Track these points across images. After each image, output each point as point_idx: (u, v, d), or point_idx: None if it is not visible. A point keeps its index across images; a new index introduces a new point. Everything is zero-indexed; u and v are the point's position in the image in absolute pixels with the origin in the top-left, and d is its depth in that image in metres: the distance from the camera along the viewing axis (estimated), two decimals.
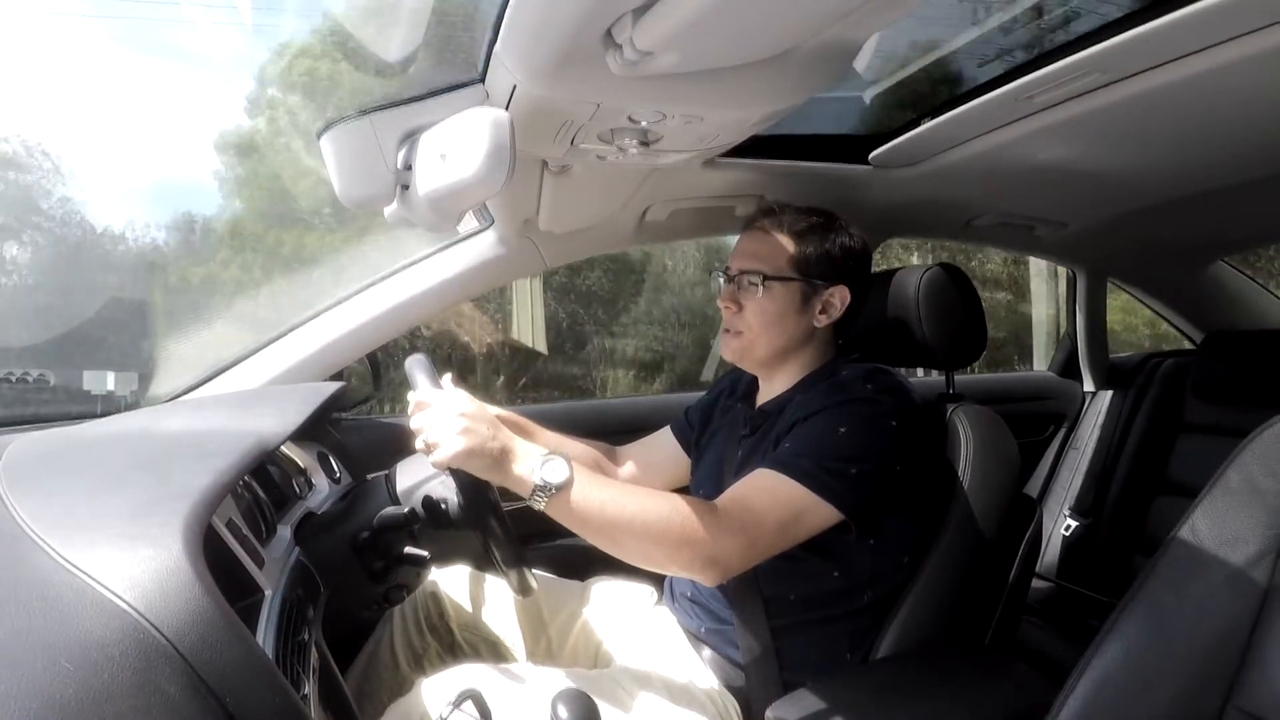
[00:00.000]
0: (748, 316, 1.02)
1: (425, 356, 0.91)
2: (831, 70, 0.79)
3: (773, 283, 1.00)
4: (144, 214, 7.74)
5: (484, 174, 0.74)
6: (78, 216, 5.58)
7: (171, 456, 0.68)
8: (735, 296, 1.03)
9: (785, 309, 1.01)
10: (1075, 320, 2.06)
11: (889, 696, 0.86)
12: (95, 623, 0.42)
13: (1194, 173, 1.26)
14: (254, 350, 1.28)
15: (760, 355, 1.04)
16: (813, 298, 1.02)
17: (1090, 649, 0.67)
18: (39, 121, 5.55)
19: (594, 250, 1.49)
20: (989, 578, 1.02)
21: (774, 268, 1.01)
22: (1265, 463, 0.65)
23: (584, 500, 0.77)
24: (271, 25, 6.18)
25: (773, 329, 1.01)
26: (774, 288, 1.00)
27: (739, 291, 1.02)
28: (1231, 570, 0.63)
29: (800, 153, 1.28)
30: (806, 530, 0.87)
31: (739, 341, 1.04)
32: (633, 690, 0.92)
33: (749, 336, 1.02)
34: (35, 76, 6.30)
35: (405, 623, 1.10)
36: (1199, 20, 0.75)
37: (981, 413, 1.07)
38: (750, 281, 1.01)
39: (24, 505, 0.53)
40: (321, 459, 1.20)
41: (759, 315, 1.01)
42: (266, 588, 0.70)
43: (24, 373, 1.84)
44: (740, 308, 1.02)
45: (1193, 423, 1.80)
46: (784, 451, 0.90)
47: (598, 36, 0.67)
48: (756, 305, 1.01)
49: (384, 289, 1.32)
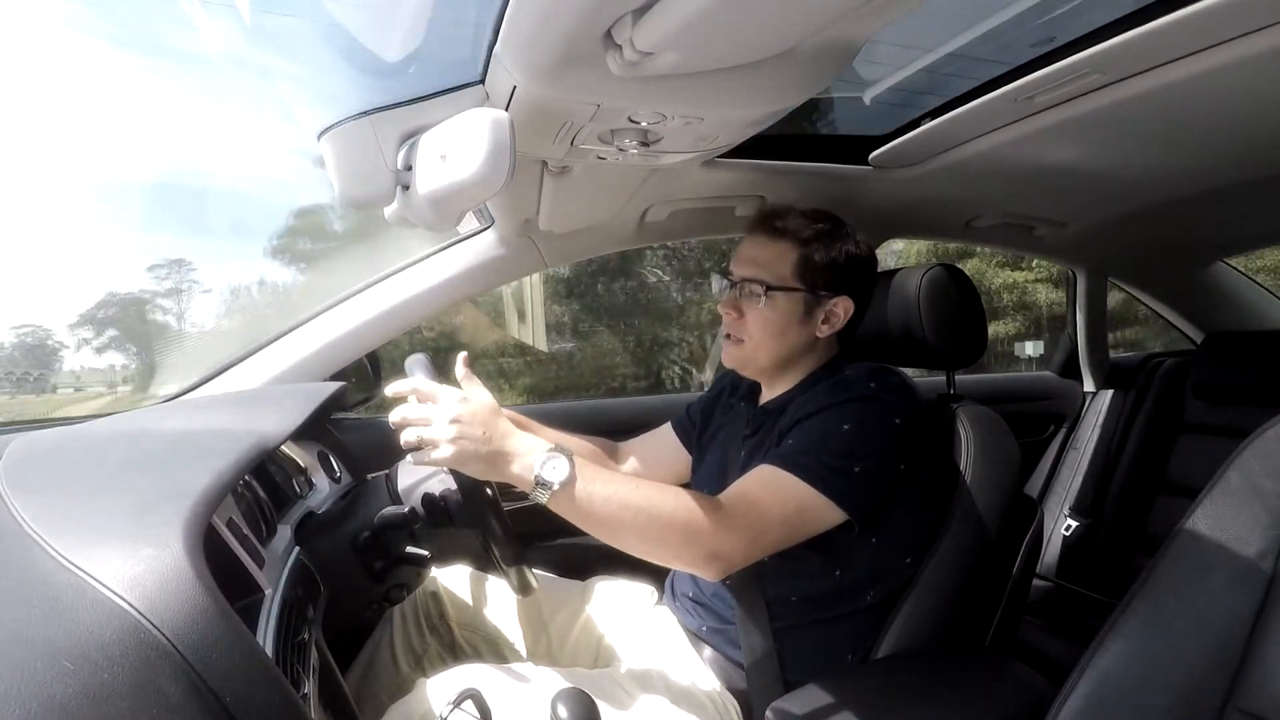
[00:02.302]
0: (749, 325, 1.01)
1: (425, 356, 0.91)
2: (831, 70, 0.79)
3: (775, 293, 0.99)
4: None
5: (484, 174, 0.74)
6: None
7: (172, 456, 0.68)
8: (737, 303, 1.02)
9: (788, 319, 1.00)
10: (1075, 320, 2.06)
11: (889, 697, 0.86)
12: (95, 622, 0.42)
13: (1194, 173, 1.26)
14: (254, 350, 1.28)
15: (762, 364, 1.04)
16: (816, 308, 1.01)
17: (1090, 649, 0.67)
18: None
19: (594, 250, 1.49)
20: (990, 578, 1.02)
21: (777, 277, 0.99)
22: (1266, 462, 0.65)
23: (588, 495, 0.77)
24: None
25: (774, 339, 1.01)
26: (777, 298, 0.99)
27: (741, 298, 1.01)
28: (1232, 570, 0.63)
29: (800, 153, 1.28)
30: (809, 527, 0.87)
31: (740, 350, 1.03)
32: (633, 690, 0.92)
33: (750, 345, 1.02)
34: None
35: (405, 622, 1.10)
36: (1199, 20, 0.75)
37: (982, 413, 1.07)
38: (753, 290, 1.00)
39: (24, 504, 0.53)
40: (322, 459, 1.20)
41: (760, 325, 1.00)
42: (267, 587, 0.70)
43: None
44: (741, 314, 1.01)
45: (1193, 423, 1.80)
46: (787, 448, 0.90)
47: (598, 37, 0.67)
48: (759, 314, 1.00)
49: (384, 289, 1.32)
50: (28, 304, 16.78)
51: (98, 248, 15.70)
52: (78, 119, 7.51)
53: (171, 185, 17.02)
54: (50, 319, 9.92)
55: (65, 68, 9.67)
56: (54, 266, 13.83)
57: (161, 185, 17.51)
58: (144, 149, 16.85)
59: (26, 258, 14.53)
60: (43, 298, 13.92)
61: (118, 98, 7.39)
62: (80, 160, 10.69)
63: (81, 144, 9.41)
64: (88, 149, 12.32)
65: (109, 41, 19.09)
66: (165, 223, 16.60)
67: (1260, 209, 1.48)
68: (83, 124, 7.83)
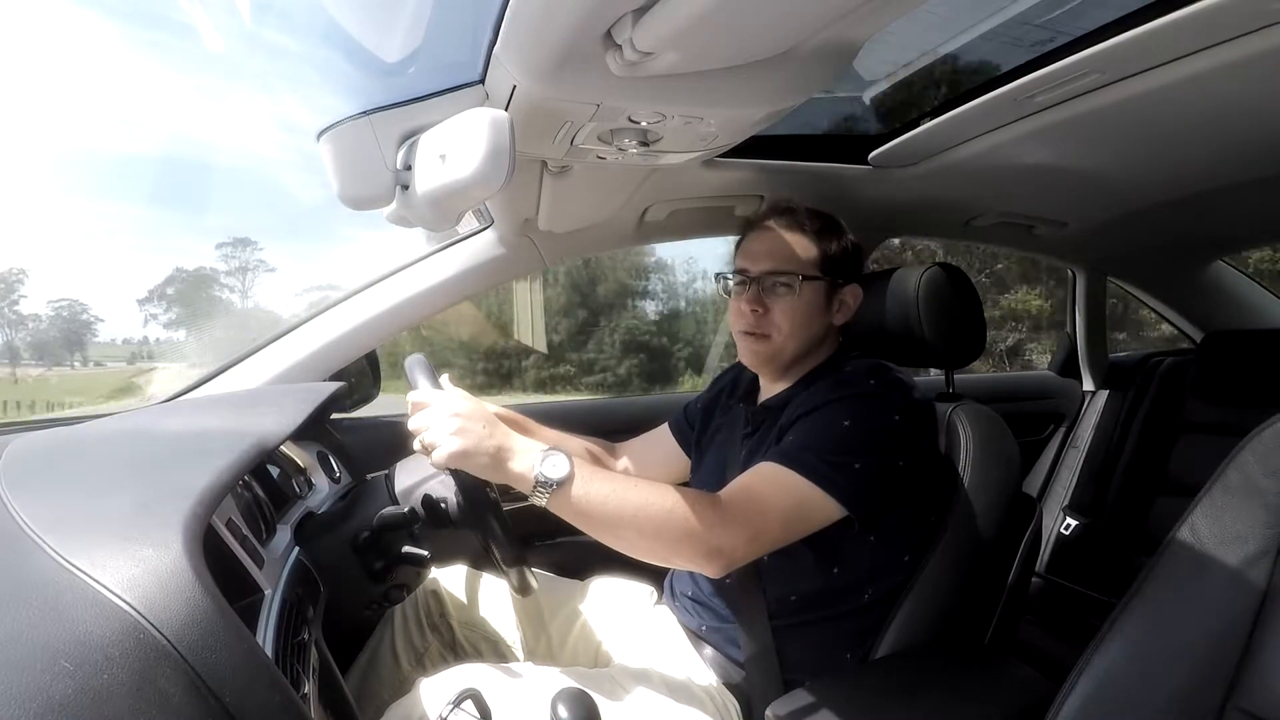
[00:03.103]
0: (776, 318, 1.00)
1: (424, 357, 0.91)
2: (831, 70, 0.79)
3: (805, 283, 0.99)
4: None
5: (483, 174, 0.74)
6: None
7: (171, 456, 0.68)
8: (761, 299, 1.01)
9: (812, 309, 1.01)
10: (1075, 320, 2.06)
11: (888, 695, 0.86)
12: (95, 623, 0.42)
13: (1193, 173, 1.26)
14: (254, 350, 1.28)
15: (787, 357, 1.03)
16: (834, 296, 1.02)
17: (1090, 648, 0.67)
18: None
19: (594, 250, 1.49)
20: (989, 577, 1.02)
21: (804, 267, 1.00)
22: (1265, 462, 0.65)
23: (586, 495, 0.77)
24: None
25: (801, 330, 1.01)
26: (805, 289, 1.00)
27: (765, 293, 1.01)
28: (1231, 569, 0.63)
29: (800, 153, 1.28)
30: (809, 523, 0.87)
31: (767, 345, 1.02)
32: (633, 689, 0.92)
33: (778, 339, 1.01)
34: None
35: (405, 622, 1.10)
36: (1198, 21, 0.75)
37: (981, 412, 1.07)
38: (782, 283, 1.00)
39: (23, 505, 0.53)
40: (321, 459, 1.20)
41: (789, 317, 1.00)
42: (266, 587, 0.71)
43: None
44: (766, 310, 1.01)
45: (1192, 422, 1.80)
46: (788, 444, 0.90)
47: (598, 37, 0.67)
48: (787, 306, 1.00)
49: (384, 289, 1.32)
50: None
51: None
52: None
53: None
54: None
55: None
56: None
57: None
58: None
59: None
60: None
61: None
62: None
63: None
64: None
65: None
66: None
67: (1260, 209, 1.48)
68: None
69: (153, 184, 15.83)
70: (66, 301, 8.70)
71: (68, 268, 13.23)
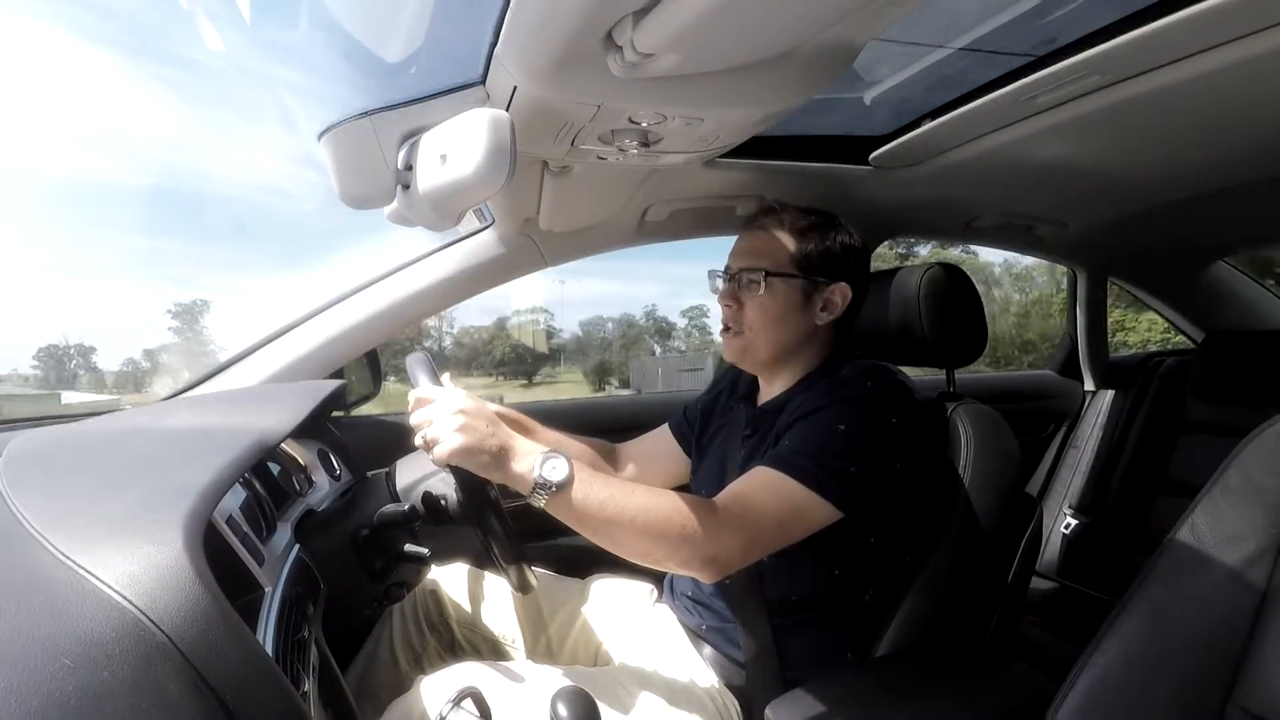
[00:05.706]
0: (748, 314, 1.02)
1: (426, 354, 0.91)
2: (831, 71, 0.79)
3: (774, 279, 1.00)
4: None
5: (484, 174, 0.74)
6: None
7: (172, 453, 0.68)
8: (736, 294, 1.03)
9: (787, 307, 1.01)
10: (1075, 319, 2.06)
11: (889, 695, 0.87)
12: (95, 620, 0.42)
13: (1194, 174, 1.26)
14: (254, 348, 1.28)
15: (761, 355, 1.04)
16: (814, 295, 1.02)
17: (1090, 647, 0.67)
18: None
19: (594, 249, 1.49)
20: (989, 576, 1.02)
21: (775, 264, 1.00)
22: (1265, 462, 0.65)
23: (584, 498, 0.77)
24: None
25: (773, 327, 1.01)
26: (775, 285, 1.00)
27: (740, 289, 1.02)
28: (1231, 569, 0.63)
29: (800, 153, 1.28)
30: (805, 528, 0.87)
31: (739, 341, 1.03)
32: (632, 688, 0.92)
33: (750, 335, 1.02)
34: None
35: (405, 620, 1.10)
36: (1199, 22, 0.75)
37: (982, 411, 1.07)
38: (751, 279, 1.01)
39: (24, 502, 0.53)
40: (322, 456, 1.20)
41: (760, 313, 1.01)
42: (267, 585, 0.71)
43: None
44: (740, 305, 1.02)
45: (1193, 422, 1.80)
46: (783, 449, 0.90)
47: (598, 38, 0.67)
48: (757, 303, 1.01)
49: (384, 287, 1.33)
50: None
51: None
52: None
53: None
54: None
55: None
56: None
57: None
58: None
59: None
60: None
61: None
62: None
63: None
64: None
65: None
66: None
67: (1260, 209, 1.48)
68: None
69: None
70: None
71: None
